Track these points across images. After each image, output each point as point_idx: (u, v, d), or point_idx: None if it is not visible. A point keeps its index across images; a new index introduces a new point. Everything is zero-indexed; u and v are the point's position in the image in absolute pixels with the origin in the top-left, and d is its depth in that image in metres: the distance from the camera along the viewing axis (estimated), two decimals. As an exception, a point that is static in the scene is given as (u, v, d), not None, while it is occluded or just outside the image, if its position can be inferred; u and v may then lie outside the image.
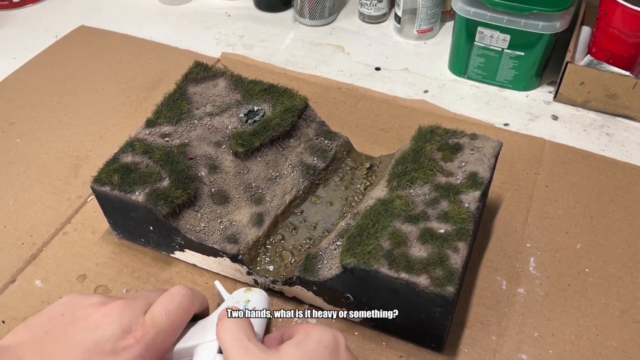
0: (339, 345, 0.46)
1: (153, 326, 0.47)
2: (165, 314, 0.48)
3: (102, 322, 0.46)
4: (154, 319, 0.48)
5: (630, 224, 0.68)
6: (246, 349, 0.44)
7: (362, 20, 1.06)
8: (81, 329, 0.45)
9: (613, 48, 0.82)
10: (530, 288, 0.62)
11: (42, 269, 0.65)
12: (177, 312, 0.49)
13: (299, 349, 0.44)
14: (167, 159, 0.61)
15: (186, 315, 0.50)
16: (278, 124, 0.65)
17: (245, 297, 0.55)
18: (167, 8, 1.11)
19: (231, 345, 0.44)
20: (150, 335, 0.46)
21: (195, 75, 0.71)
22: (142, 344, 0.46)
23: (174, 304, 0.49)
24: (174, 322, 0.49)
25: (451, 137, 0.62)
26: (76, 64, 0.95)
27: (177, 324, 0.49)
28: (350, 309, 0.57)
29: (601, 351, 0.57)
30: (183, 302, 0.50)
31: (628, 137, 0.81)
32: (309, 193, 0.66)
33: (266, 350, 0.44)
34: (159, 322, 0.48)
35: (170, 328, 0.48)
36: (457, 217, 0.54)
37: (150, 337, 0.46)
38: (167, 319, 0.48)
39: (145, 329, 0.46)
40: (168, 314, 0.48)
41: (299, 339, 0.45)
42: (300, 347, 0.44)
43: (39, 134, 0.82)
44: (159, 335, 0.47)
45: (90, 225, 0.69)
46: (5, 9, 1.09)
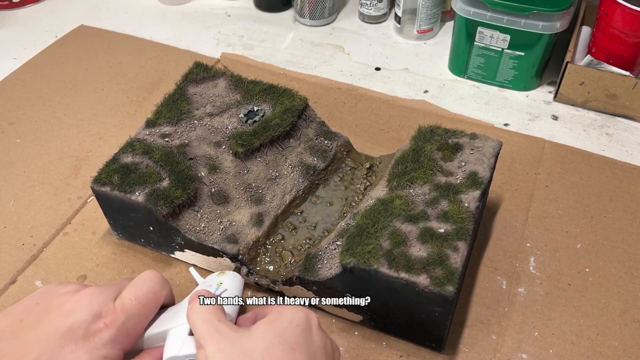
0: (311, 324, 0.46)
1: (123, 311, 0.47)
2: (134, 298, 0.48)
3: (74, 309, 0.46)
4: (123, 303, 0.48)
5: (630, 224, 0.68)
6: (217, 329, 0.44)
7: (362, 20, 1.06)
8: (55, 316, 0.46)
9: (613, 48, 0.82)
10: (530, 288, 0.62)
11: (43, 270, 0.65)
12: (147, 296, 0.49)
13: (270, 327, 0.44)
14: (167, 159, 0.61)
15: (156, 299, 0.50)
16: (278, 124, 0.65)
17: (218, 280, 0.55)
18: (167, 8, 1.11)
19: (202, 327, 0.44)
20: (120, 320, 0.47)
21: (195, 76, 0.71)
22: (113, 328, 0.46)
23: (143, 288, 0.49)
24: (144, 307, 0.49)
25: (451, 137, 0.62)
26: (76, 64, 0.95)
27: (147, 308, 0.49)
28: (350, 309, 0.57)
29: (601, 351, 0.57)
30: (153, 287, 0.50)
31: (628, 137, 0.81)
32: (309, 193, 0.66)
33: (238, 330, 0.44)
34: (129, 307, 0.48)
35: (140, 312, 0.48)
36: (456, 216, 0.54)
37: (121, 322, 0.47)
38: (137, 303, 0.48)
39: (115, 314, 0.47)
40: (137, 298, 0.48)
41: (271, 318, 0.45)
42: (272, 325, 0.44)
43: (39, 134, 0.82)
44: (129, 319, 0.47)
45: (91, 226, 0.70)
46: (5, 9, 1.10)
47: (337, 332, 0.59)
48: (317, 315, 0.47)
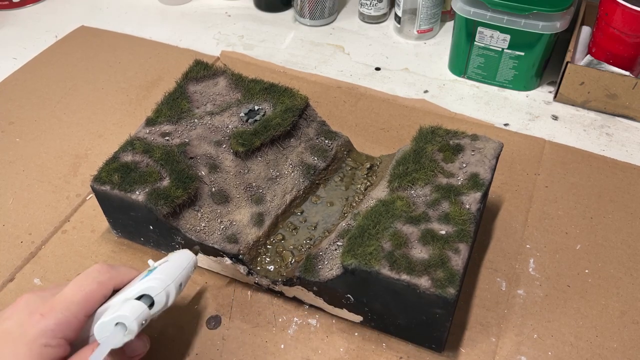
0: None
1: (62, 301, 0.46)
2: (76, 288, 0.47)
3: (10, 314, 0.46)
4: (64, 294, 0.47)
5: (630, 225, 0.68)
6: None
7: (362, 20, 1.06)
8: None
9: (613, 48, 0.82)
10: (529, 289, 0.62)
11: (41, 268, 0.65)
12: (91, 285, 0.48)
13: None
14: (168, 158, 0.60)
15: (101, 288, 0.49)
16: (279, 124, 0.65)
17: (165, 258, 0.53)
18: (167, 8, 1.11)
19: None
20: (58, 309, 0.46)
21: (195, 74, 0.71)
22: (51, 318, 0.45)
23: (87, 279, 0.48)
24: (86, 295, 0.47)
25: (452, 138, 0.62)
26: (76, 64, 0.95)
27: (91, 296, 0.48)
28: (350, 310, 0.57)
29: (601, 352, 0.57)
30: (97, 277, 0.49)
31: (628, 137, 0.81)
32: (310, 193, 0.66)
33: None
34: (69, 296, 0.47)
35: (82, 300, 0.47)
36: (458, 218, 0.54)
37: (58, 310, 0.46)
38: (78, 292, 0.47)
39: (52, 304, 0.46)
40: (80, 287, 0.47)
41: None
42: None
43: (39, 133, 0.82)
44: (68, 308, 0.46)
45: (90, 224, 0.69)
46: (5, 9, 1.09)
47: (337, 332, 0.58)
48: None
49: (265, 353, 0.57)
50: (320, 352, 0.57)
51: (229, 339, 0.58)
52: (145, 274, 0.50)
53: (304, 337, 0.58)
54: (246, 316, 0.60)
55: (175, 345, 0.58)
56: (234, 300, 0.61)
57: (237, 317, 0.60)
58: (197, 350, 0.57)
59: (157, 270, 0.50)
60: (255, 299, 0.61)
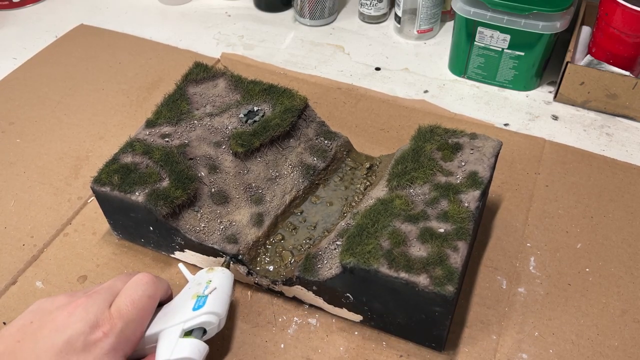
0: None
1: (120, 317, 0.47)
2: (130, 304, 0.48)
3: (69, 322, 0.46)
4: (119, 310, 0.48)
5: (630, 224, 0.68)
6: None
7: (362, 20, 1.06)
8: (49, 332, 0.45)
9: (613, 48, 0.82)
10: (530, 287, 0.62)
11: (43, 270, 0.65)
12: (142, 300, 0.49)
13: None
14: (167, 159, 0.61)
15: (152, 302, 0.50)
16: (278, 124, 0.65)
17: (207, 278, 0.55)
18: (167, 8, 1.11)
19: None
20: (118, 327, 0.47)
21: (195, 76, 0.71)
22: (112, 336, 0.46)
23: (138, 292, 0.49)
24: (140, 311, 0.49)
25: (451, 136, 0.62)
26: (76, 64, 0.95)
27: (144, 312, 0.49)
28: (350, 309, 0.57)
29: (601, 350, 0.57)
30: (147, 290, 0.50)
31: (628, 137, 0.81)
32: (309, 193, 0.66)
33: None
34: (126, 313, 0.48)
35: (137, 317, 0.48)
36: (456, 216, 0.54)
37: (119, 329, 0.47)
38: (133, 309, 0.48)
39: (112, 321, 0.47)
40: (133, 303, 0.48)
41: None
42: None
43: (39, 134, 0.82)
44: (127, 325, 0.47)
45: (91, 226, 0.70)
46: (5, 9, 1.10)
47: (337, 332, 0.59)
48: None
49: (265, 353, 0.57)
50: (321, 351, 0.57)
51: (229, 339, 0.58)
52: (194, 302, 0.52)
53: (304, 336, 0.58)
54: (246, 316, 0.60)
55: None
56: (234, 300, 0.61)
57: (237, 317, 0.60)
58: (197, 350, 0.57)
59: (209, 300, 0.52)
60: (255, 299, 0.62)
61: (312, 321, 0.59)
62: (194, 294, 0.53)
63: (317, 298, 0.58)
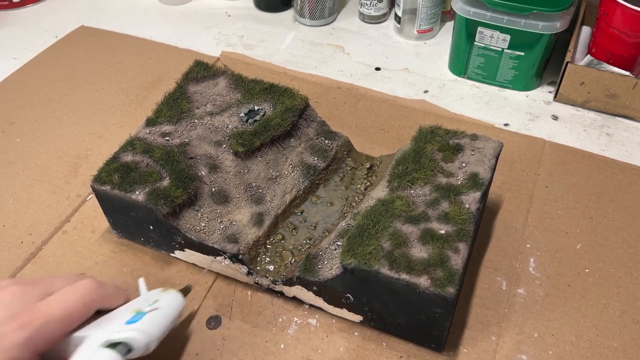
0: None
1: (43, 315, 0.46)
2: (58, 304, 0.47)
3: None
4: (47, 307, 0.46)
5: (630, 224, 0.68)
6: None
7: (362, 20, 1.06)
8: None
9: (613, 48, 0.82)
10: (530, 288, 0.62)
11: (42, 268, 0.65)
12: (74, 304, 0.47)
13: None
14: (168, 158, 0.61)
15: (85, 309, 0.48)
16: (278, 124, 0.65)
17: (156, 297, 0.53)
18: (167, 8, 1.11)
19: None
20: (37, 323, 0.45)
21: (195, 74, 0.71)
22: (27, 330, 0.44)
23: (73, 296, 0.48)
24: (68, 315, 0.47)
25: (452, 137, 0.62)
26: (76, 64, 0.95)
27: (72, 316, 0.47)
28: (350, 309, 0.57)
29: (601, 351, 0.57)
30: (84, 296, 0.48)
31: (628, 137, 0.81)
32: (309, 193, 0.66)
33: None
34: (50, 312, 0.46)
35: (62, 319, 0.47)
36: (457, 217, 0.54)
37: (37, 325, 0.45)
38: (60, 310, 0.46)
39: (33, 315, 0.45)
40: (62, 304, 0.47)
41: None
42: None
43: (39, 133, 0.82)
44: (46, 324, 0.46)
45: (90, 224, 0.69)
46: (5, 9, 1.09)
47: (337, 332, 0.59)
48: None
49: (265, 353, 0.57)
50: (320, 351, 0.57)
51: (229, 339, 0.58)
52: (131, 316, 0.49)
53: (304, 336, 0.58)
54: (246, 316, 0.60)
55: (175, 345, 0.58)
56: (234, 300, 0.61)
57: (237, 317, 0.60)
58: (197, 350, 0.57)
59: (146, 319, 0.49)
60: (255, 299, 0.61)
61: (312, 321, 0.59)
62: (136, 308, 0.51)
63: (317, 298, 0.58)
